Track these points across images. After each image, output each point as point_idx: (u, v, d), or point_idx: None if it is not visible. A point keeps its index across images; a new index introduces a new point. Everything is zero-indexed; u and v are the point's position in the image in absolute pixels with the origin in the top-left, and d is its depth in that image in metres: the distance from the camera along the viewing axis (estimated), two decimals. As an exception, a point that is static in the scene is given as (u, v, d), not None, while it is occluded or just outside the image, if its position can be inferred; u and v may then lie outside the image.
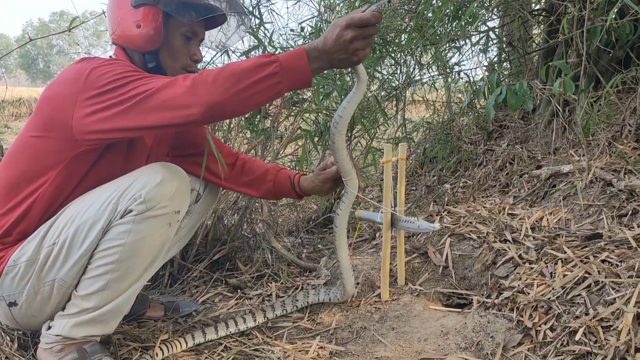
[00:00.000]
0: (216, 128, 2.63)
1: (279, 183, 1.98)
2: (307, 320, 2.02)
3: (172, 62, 1.73)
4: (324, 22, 3.24)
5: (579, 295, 1.71)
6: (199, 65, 1.91)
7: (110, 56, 1.74)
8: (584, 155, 2.55)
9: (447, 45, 3.51)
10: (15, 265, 1.57)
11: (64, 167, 1.60)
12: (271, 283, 2.37)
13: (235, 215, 2.68)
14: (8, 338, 1.68)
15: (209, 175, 1.96)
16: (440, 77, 4.17)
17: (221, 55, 2.76)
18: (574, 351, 1.50)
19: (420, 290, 2.11)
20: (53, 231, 1.58)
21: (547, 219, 2.28)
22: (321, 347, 1.80)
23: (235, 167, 2.01)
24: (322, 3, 3.58)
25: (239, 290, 2.33)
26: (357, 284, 2.16)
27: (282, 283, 2.37)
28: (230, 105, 1.43)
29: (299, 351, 1.78)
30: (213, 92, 1.41)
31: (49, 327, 1.60)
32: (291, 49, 2.89)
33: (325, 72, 3.01)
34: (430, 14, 3.25)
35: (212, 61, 2.75)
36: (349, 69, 1.57)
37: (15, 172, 1.62)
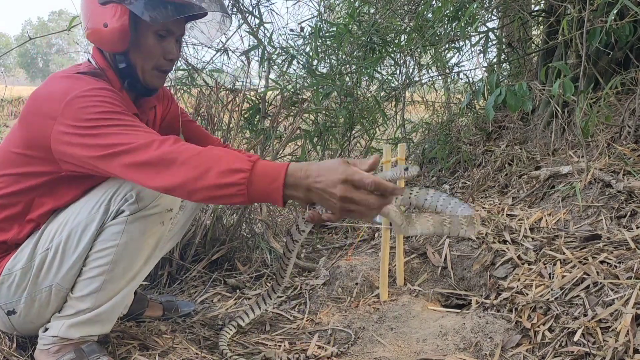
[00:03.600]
0: (215, 128, 2.62)
1: None
2: (307, 321, 2.02)
3: (143, 62, 1.62)
4: (323, 22, 3.24)
5: (577, 296, 1.71)
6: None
7: (89, 59, 1.69)
8: (583, 156, 2.55)
9: (447, 46, 3.51)
10: (11, 273, 1.56)
11: (49, 188, 1.58)
12: (270, 283, 2.37)
13: (234, 215, 2.68)
14: (7, 338, 1.68)
15: None
16: (439, 77, 4.17)
17: (221, 56, 2.77)
18: (573, 352, 1.51)
19: (419, 290, 2.11)
20: (45, 237, 1.57)
21: (546, 220, 2.28)
22: (320, 347, 1.80)
23: None
24: (322, 3, 3.59)
25: (237, 290, 2.33)
26: (356, 284, 2.16)
27: (281, 283, 2.37)
28: (183, 196, 1.32)
29: (298, 351, 1.78)
30: (175, 177, 1.29)
31: (46, 329, 1.60)
32: (291, 49, 2.90)
33: (324, 71, 3.02)
34: (430, 15, 3.26)
35: (211, 60, 2.75)
36: None
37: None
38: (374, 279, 2.18)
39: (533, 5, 3.99)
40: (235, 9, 2.69)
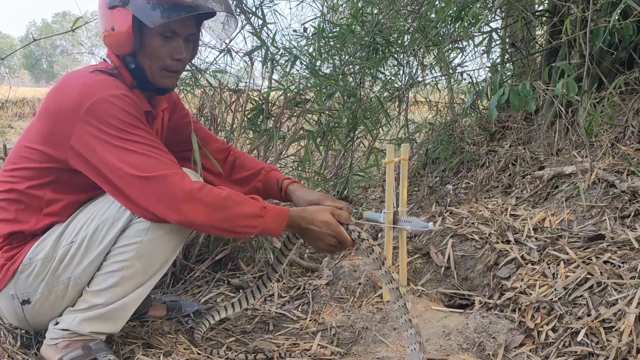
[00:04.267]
0: (218, 128, 2.63)
1: (268, 185, 1.97)
2: (310, 321, 2.02)
3: (151, 63, 1.64)
4: (326, 22, 3.24)
5: (581, 296, 1.71)
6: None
7: (104, 59, 1.71)
8: (586, 156, 2.55)
9: (450, 46, 3.51)
10: (31, 263, 1.58)
11: (65, 182, 1.61)
12: (273, 283, 2.37)
13: (238, 215, 2.68)
14: (11, 336, 1.69)
15: (204, 173, 1.96)
16: (442, 78, 4.17)
17: (224, 56, 2.77)
18: (576, 352, 1.51)
19: (422, 290, 2.11)
20: (71, 229, 1.59)
21: (550, 220, 2.28)
22: (323, 347, 1.80)
23: (226, 162, 2.00)
24: (325, 4, 3.59)
25: (241, 290, 2.33)
26: (359, 284, 2.16)
27: (284, 283, 2.37)
28: (204, 229, 1.70)
29: (301, 351, 1.78)
30: (200, 214, 1.50)
31: (57, 323, 1.61)
32: (294, 49, 2.90)
33: (328, 71, 3.02)
34: (433, 15, 3.25)
35: (214, 61, 2.76)
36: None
37: (18, 184, 1.62)
38: (377, 279, 2.18)
39: (536, 5, 3.98)
40: (238, 10, 2.70)
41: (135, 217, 1.56)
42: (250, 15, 2.71)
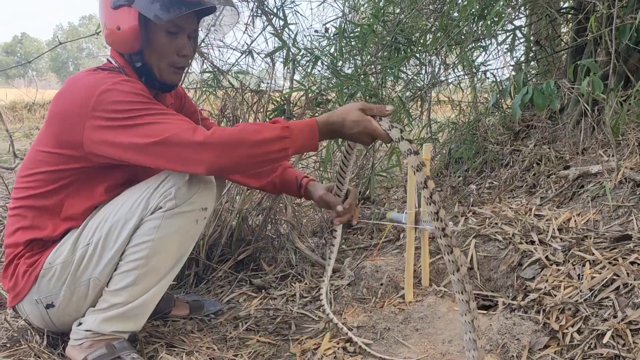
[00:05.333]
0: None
1: (286, 180, 1.97)
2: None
3: (158, 60, 1.67)
4: (348, 22, 3.23)
5: (607, 297, 1.68)
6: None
7: (108, 59, 1.73)
8: (613, 155, 2.50)
9: (473, 44, 3.48)
10: (51, 267, 1.61)
11: (81, 186, 1.64)
12: (295, 283, 2.38)
13: (260, 215, 2.69)
14: (37, 336, 1.72)
15: None
16: (465, 77, 4.13)
17: (246, 57, 2.79)
18: (602, 354, 1.48)
19: (445, 291, 2.09)
20: (87, 232, 1.62)
21: (575, 220, 2.24)
22: (344, 348, 1.80)
23: None
24: (346, 4, 3.59)
25: (263, 291, 2.34)
26: (381, 284, 2.15)
27: (306, 283, 2.37)
28: (235, 169, 1.59)
29: (323, 351, 1.78)
30: (221, 157, 1.45)
31: (80, 324, 1.64)
32: (316, 50, 2.91)
33: (349, 72, 3.02)
34: (455, 14, 3.23)
35: (236, 62, 2.77)
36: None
37: (34, 189, 1.64)
38: (399, 280, 2.17)
39: (561, 3, 3.93)
40: (259, 11, 2.71)
41: (147, 215, 1.58)
42: (272, 17, 2.72)
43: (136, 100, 1.52)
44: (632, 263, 1.78)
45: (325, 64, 2.92)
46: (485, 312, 1.91)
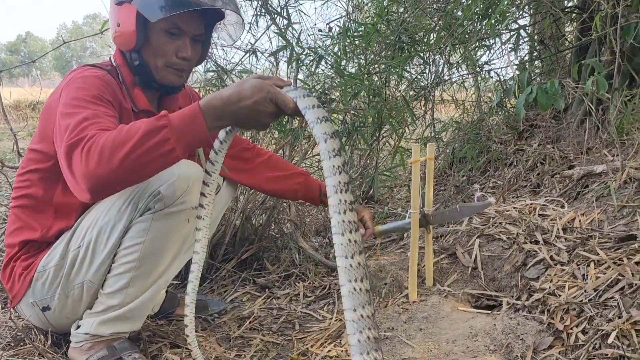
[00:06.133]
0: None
1: (309, 189, 1.98)
2: (335, 320, 2.02)
3: (155, 59, 1.65)
4: (351, 22, 3.23)
5: (611, 297, 1.67)
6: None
7: (110, 58, 1.73)
8: (617, 155, 2.49)
9: (477, 43, 3.47)
10: (45, 270, 1.61)
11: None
12: (299, 283, 2.38)
13: (263, 215, 2.69)
14: (42, 335, 1.72)
15: (232, 163, 1.94)
16: (469, 76, 4.12)
17: (249, 57, 2.78)
18: (607, 355, 1.47)
19: (449, 291, 2.09)
20: (77, 235, 1.60)
21: (580, 220, 2.24)
22: (348, 347, 1.79)
23: (259, 157, 2.00)
24: (350, 3, 3.58)
25: (266, 290, 2.34)
26: (385, 284, 2.15)
27: (309, 283, 2.37)
28: (119, 179, 1.27)
29: (327, 350, 1.78)
30: (100, 166, 1.24)
31: (78, 327, 1.64)
32: (319, 49, 2.90)
33: (353, 71, 3.02)
34: (459, 13, 3.22)
35: (240, 62, 2.77)
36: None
37: (28, 188, 1.65)
38: (403, 279, 2.16)
39: (565, 2, 3.91)
40: (263, 10, 2.70)
41: (136, 217, 1.54)
42: (276, 16, 2.71)
43: (81, 96, 1.46)
44: (637, 263, 1.77)
45: (329, 63, 2.91)
46: (489, 312, 1.91)
